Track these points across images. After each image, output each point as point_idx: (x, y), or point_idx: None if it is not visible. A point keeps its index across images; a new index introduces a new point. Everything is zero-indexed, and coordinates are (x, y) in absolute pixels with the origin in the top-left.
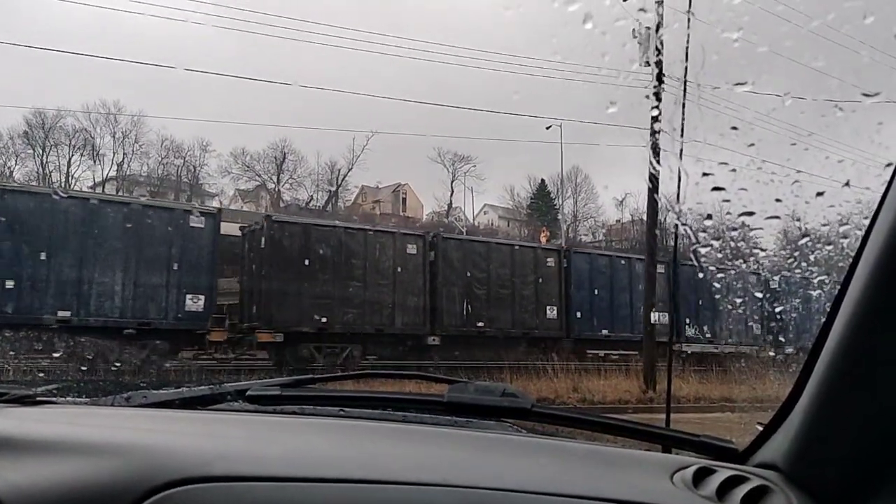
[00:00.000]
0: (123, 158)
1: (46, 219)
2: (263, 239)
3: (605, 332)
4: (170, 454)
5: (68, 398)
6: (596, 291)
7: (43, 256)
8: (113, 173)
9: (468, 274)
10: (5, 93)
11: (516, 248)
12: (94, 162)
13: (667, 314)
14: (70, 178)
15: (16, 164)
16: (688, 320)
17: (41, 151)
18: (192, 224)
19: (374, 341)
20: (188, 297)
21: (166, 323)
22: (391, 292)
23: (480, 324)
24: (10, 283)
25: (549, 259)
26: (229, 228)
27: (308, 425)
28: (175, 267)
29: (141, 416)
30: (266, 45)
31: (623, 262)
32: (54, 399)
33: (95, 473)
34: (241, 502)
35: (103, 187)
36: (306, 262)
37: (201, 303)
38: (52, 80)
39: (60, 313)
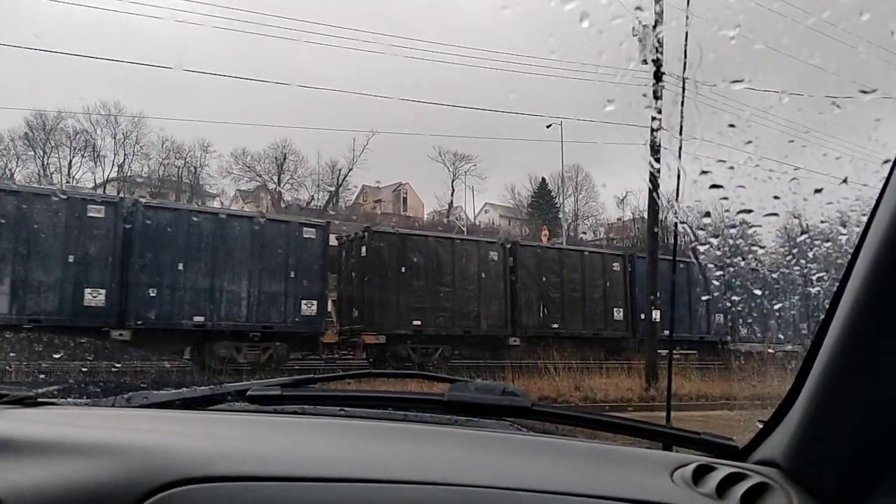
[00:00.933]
0: (124, 159)
1: (182, 232)
2: (364, 248)
3: (665, 332)
4: (170, 454)
5: (69, 399)
6: (658, 294)
7: (180, 267)
8: (114, 174)
9: (543, 279)
10: (6, 94)
11: (586, 254)
12: (95, 163)
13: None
14: (71, 179)
15: (17, 166)
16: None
17: (42, 153)
18: (304, 236)
19: (462, 342)
20: (303, 302)
21: (285, 326)
22: (476, 297)
23: (555, 325)
24: (152, 292)
25: (615, 264)
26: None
27: (309, 425)
28: (292, 275)
29: (142, 416)
30: (266, 45)
31: (681, 265)
32: (55, 400)
33: (96, 474)
34: (241, 502)
35: (104, 188)
36: (403, 269)
37: (314, 307)
38: (52, 82)
39: (196, 318)
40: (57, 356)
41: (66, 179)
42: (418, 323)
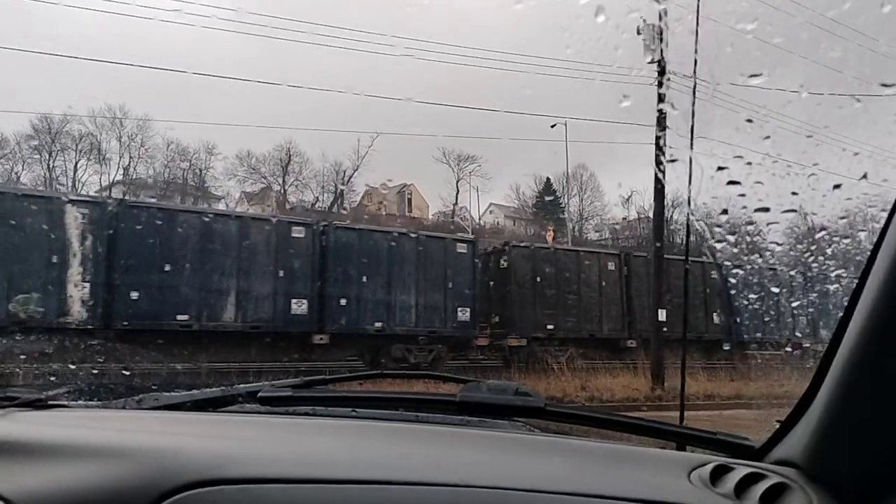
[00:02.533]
0: (129, 162)
1: (367, 249)
2: (503, 260)
3: (758, 335)
4: (183, 457)
5: (80, 402)
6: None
7: (364, 279)
8: (119, 177)
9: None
10: (11, 98)
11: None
12: (101, 166)
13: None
14: (77, 182)
15: (23, 170)
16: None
17: (48, 156)
18: (458, 250)
19: (587, 344)
20: (458, 309)
21: (445, 331)
22: (598, 303)
23: (665, 329)
24: (343, 302)
25: (712, 273)
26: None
27: (321, 426)
28: (450, 286)
29: (153, 418)
30: (271, 46)
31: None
32: (65, 403)
33: (108, 477)
34: None
35: (110, 191)
36: (537, 279)
37: (468, 314)
38: (57, 85)
39: (376, 324)
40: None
41: (72, 183)
42: (551, 327)
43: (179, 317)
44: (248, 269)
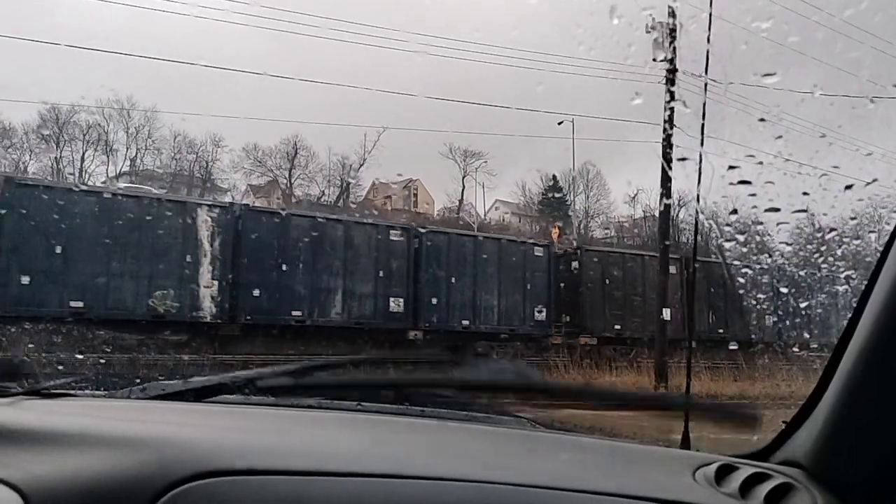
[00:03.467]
0: (136, 153)
1: (454, 253)
2: (576, 263)
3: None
4: (190, 447)
5: (86, 391)
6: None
7: (453, 280)
8: (126, 168)
9: (711, 290)
10: (19, 88)
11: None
12: (108, 157)
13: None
14: (84, 173)
15: (30, 159)
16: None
17: (55, 146)
18: (536, 254)
19: (651, 345)
20: (535, 309)
21: (524, 329)
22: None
23: (721, 329)
24: (434, 301)
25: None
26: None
27: (327, 419)
28: (528, 287)
29: (158, 408)
30: (278, 40)
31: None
32: (72, 391)
33: (116, 466)
34: (261, 496)
35: (117, 182)
36: (607, 281)
37: (544, 314)
38: (65, 76)
39: (463, 322)
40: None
41: (79, 173)
42: (619, 327)
43: (294, 312)
44: (353, 270)
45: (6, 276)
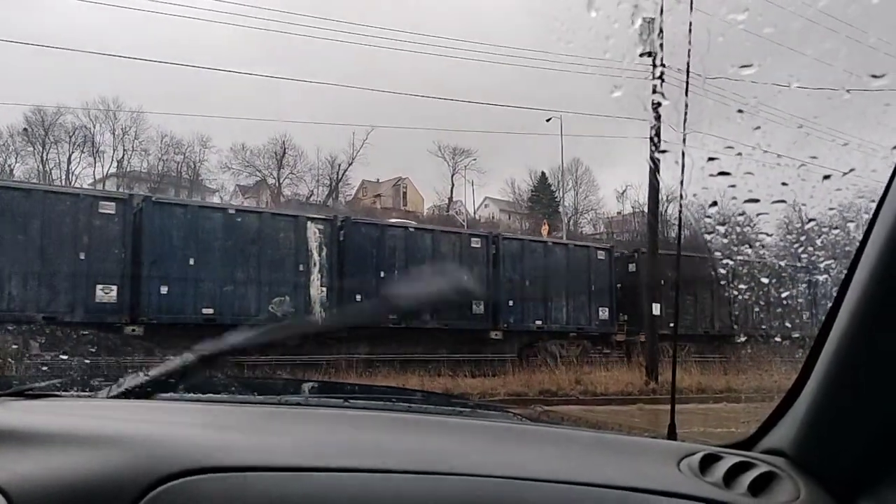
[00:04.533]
0: (123, 155)
1: (528, 257)
2: (631, 265)
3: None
4: (173, 445)
5: (71, 392)
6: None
7: (527, 283)
8: (113, 170)
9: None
10: (3, 90)
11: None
12: (95, 159)
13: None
14: (70, 175)
15: (16, 162)
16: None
17: (41, 149)
18: (598, 257)
19: (702, 340)
20: (600, 309)
21: (590, 328)
22: (710, 304)
23: (789, 324)
24: (511, 303)
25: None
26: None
27: (312, 415)
28: (592, 288)
29: (143, 407)
30: (265, 39)
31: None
32: (56, 392)
33: (100, 465)
34: (244, 492)
35: (104, 184)
36: (662, 282)
37: (607, 313)
38: (50, 78)
39: (536, 322)
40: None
41: (66, 176)
42: (672, 325)
43: (390, 316)
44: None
45: (149, 285)
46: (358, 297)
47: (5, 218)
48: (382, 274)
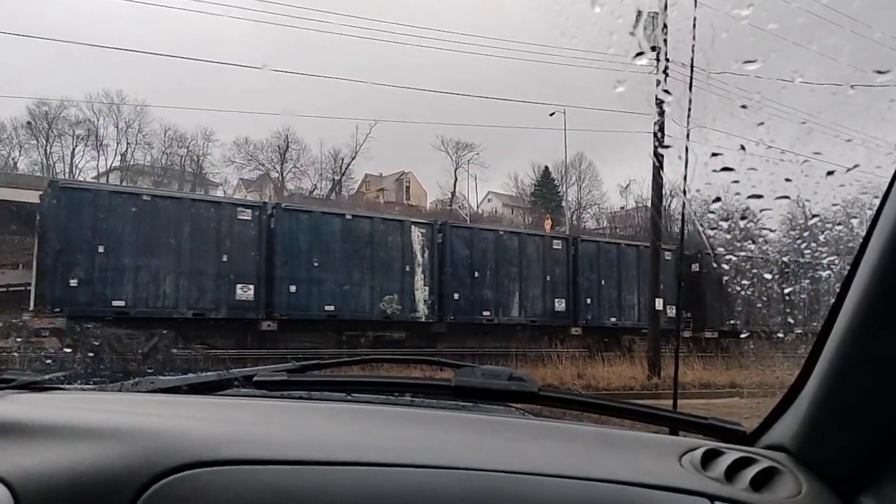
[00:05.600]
0: (127, 148)
1: (605, 257)
2: (694, 265)
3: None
4: (178, 438)
5: (76, 385)
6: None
7: (603, 283)
8: (117, 163)
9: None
10: (8, 83)
11: None
12: (98, 152)
13: None
14: (74, 168)
15: (20, 155)
16: None
17: (45, 142)
18: (665, 258)
19: (760, 336)
20: (667, 307)
21: (643, 324)
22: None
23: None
24: (588, 300)
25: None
26: None
27: (316, 410)
28: (661, 287)
29: (149, 401)
30: (270, 32)
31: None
32: (62, 385)
33: (104, 457)
34: (248, 485)
35: (107, 177)
36: (724, 279)
37: (674, 310)
38: (54, 71)
39: (612, 319)
40: None
41: (69, 169)
42: (733, 322)
43: (484, 313)
44: (527, 275)
45: (280, 285)
46: (456, 296)
47: (160, 224)
48: (476, 275)
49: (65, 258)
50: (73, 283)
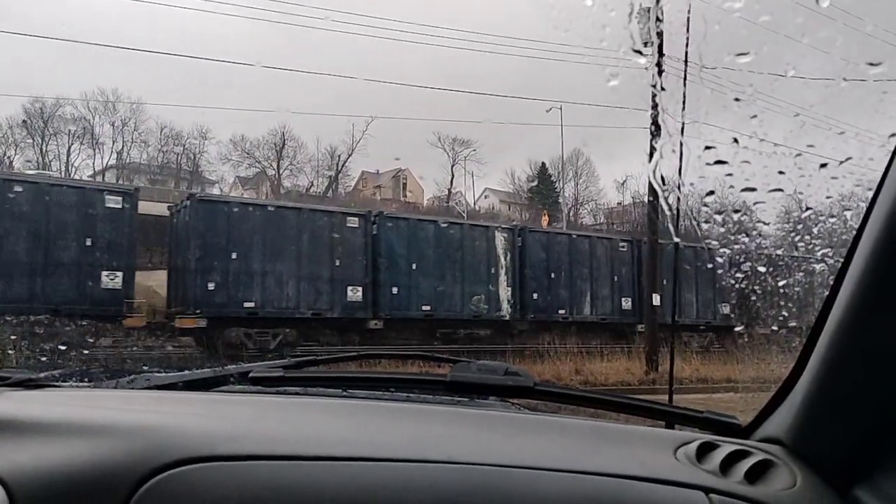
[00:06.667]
0: (123, 146)
1: (667, 259)
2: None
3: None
4: (173, 434)
5: (71, 382)
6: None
7: (665, 282)
8: (113, 161)
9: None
10: (2, 82)
11: None
12: (94, 150)
13: None
14: (70, 167)
15: (15, 154)
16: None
17: (41, 140)
18: (718, 259)
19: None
20: (721, 305)
21: (716, 321)
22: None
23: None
24: (661, 299)
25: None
26: None
27: (312, 405)
28: (716, 285)
29: (144, 397)
30: (265, 29)
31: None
32: (57, 383)
33: (99, 454)
34: (244, 481)
35: (103, 176)
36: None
37: (728, 308)
38: (49, 69)
39: (666, 317)
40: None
41: (65, 167)
42: (782, 318)
43: (560, 311)
44: (597, 276)
45: (384, 287)
46: (535, 296)
47: (283, 232)
48: (553, 276)
49: (203, 264)
50: (211, 286)
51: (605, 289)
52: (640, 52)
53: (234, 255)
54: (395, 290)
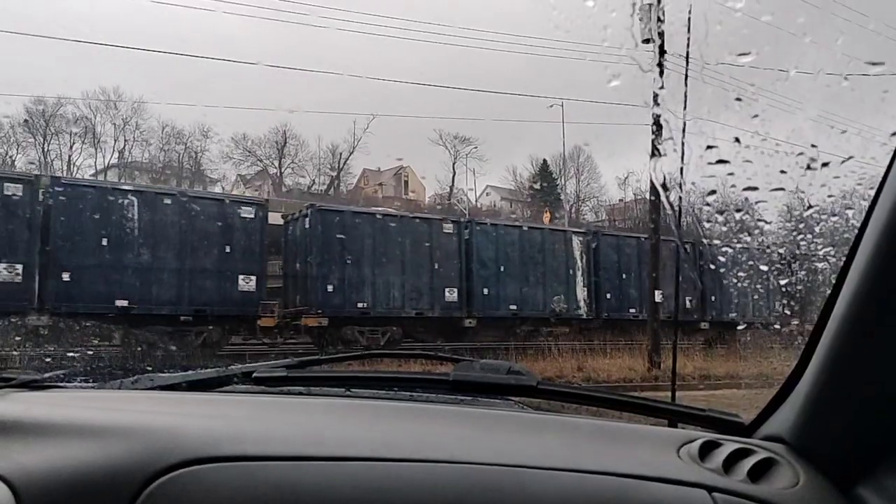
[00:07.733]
0: (125, 145)
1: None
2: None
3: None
4: (178, 435)
5: (76, 383)
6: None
7: (724, 281)
8: (114, 160)
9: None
10: (4, 82)
11: None
12: (96, 149)
13: None
14: (71, 165)
15: (17, 153)
16: None
17: (42, 140)
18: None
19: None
20: (775, 303)
21: (758, 319)
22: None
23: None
24: (713, 298)
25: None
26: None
27: (315, 405)
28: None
29: (149, 398)
30: (267, 28)
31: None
32: (61, 384)
33: (104, 455)
34: (248, 482)
35: (105, 174)
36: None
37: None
38: (50, 68)
39: (732, 316)
40: None
41: (67, 166)
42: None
43: (631, 309)
44: (662, 275)
45: (476, 288)
46: (608, 295)
47: (388, 238)
48: (623, 276)
49: (323, 269)
50: (330, 288)
51: (669, 288)
52: (644, 44)
53: (348, 260)
54: (485, 290)
